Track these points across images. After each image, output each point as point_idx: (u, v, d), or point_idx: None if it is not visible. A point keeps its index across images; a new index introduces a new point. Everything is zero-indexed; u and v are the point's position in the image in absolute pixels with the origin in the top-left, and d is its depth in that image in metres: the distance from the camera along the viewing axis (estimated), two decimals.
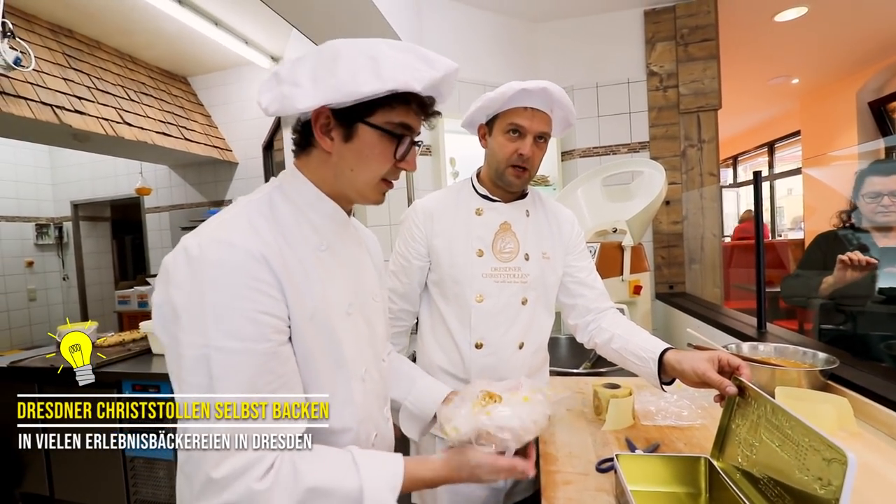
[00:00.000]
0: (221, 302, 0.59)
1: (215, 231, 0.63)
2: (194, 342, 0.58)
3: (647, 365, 1.03)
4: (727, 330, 1.85)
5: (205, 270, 0.59)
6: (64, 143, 3.40)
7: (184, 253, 0.61)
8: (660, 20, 2.76)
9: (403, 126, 0.71)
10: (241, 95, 4.21)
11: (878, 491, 0.80)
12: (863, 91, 4.46)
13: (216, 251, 0.60)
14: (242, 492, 0.56)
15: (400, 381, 0.96)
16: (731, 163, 7.81)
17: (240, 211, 0.68)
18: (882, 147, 3.38)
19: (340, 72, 0.65)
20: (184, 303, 0.59)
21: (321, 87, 0.66)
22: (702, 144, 2.75)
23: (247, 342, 0.59)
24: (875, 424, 1.04)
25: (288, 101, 0.67)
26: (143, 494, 2.17)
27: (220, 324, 0.58)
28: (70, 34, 3.33)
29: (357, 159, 0.71)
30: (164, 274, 0.63)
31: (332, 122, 0.70)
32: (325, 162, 0.73)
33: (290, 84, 0.68)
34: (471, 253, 1.17)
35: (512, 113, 1.11)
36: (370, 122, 0.69)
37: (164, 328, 0.63)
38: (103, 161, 4.52)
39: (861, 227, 1.69)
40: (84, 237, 5.05)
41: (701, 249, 2.77)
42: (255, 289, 0.61)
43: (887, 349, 1.55)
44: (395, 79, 0.65)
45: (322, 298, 0.69)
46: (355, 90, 0.65)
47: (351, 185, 0.73)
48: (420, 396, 0.94)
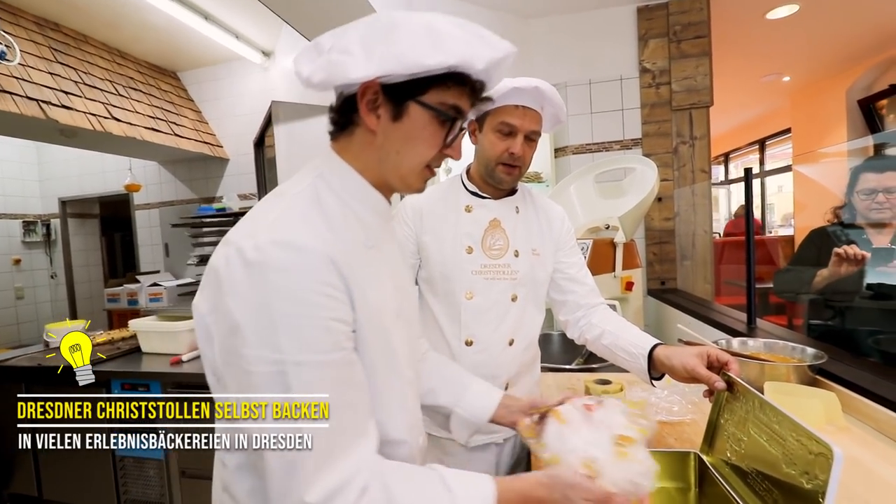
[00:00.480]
0: (291, 312, 0.54)
1: (272, 231, 0.57)
2: (266, 357, 0.54)
3: (637, 361, 1.04)
4: (717, 325, 1.86)
5: (268, 277, 0.54)
6: (51, 138, 3.35)
7: (239, 257, 0.55)
8: (653, 17, 2.77)
9: (456, 109, 0.66)
10: (231, 91, 4.17)
11: (866, 485, 0.81)
12: (852, 89, 4.49)
13: (279, 255, 0.55)
14: None
15: (448, 386, 0.93)
16: (722, 160, 7.86)
17: (290, 205, 0.62)
18: (871, 144, 3.42)
19: (399, 42, 0.59)
20: (247, 314, 0.54)
21: (377, 56, 0.59)
22: (693, 141, 2.76)
23: (323, 354, 0.55)
24: (862, 419, 1.05)
25: (338, 69, 0.61)
26: (133, 494, 2.16)
27: (294, 336, 0.54)
28: (56, 27, 3.28)
29: (404, 141, 0.66)
30: (213, 279, 0.58)
31: (381, 97, 0.63)
32: (369, 144, 0.67)
33: (338, 52, 0.61)
34: (460, 250, 1.16)
35: (503, 111, 1.10)
36: (423, 101, 0.64)
37: (211, 339, 0.59)
38: (91, 157, 4.45)
39: (854, 223, 1.70)
40: (72, 234, 4.99)
41: (692, 246, 2.78)
42: (325, 294, 0.56)
43: (875, 344, 1.57)
44: (458, 54, 0.60)
45: (377, 301, 0.64)
46: (417, 62, 0.59)
47: (395, 170, 0.68)
48: (472, 403, 0.90)
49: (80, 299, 5.02)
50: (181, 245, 4.28)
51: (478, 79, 0.67)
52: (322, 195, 0.64)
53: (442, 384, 0.92)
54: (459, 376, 0.95)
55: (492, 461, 1.22)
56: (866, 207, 1.65)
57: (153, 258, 4.53)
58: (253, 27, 3.50)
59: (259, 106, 3.89)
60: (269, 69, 4.01)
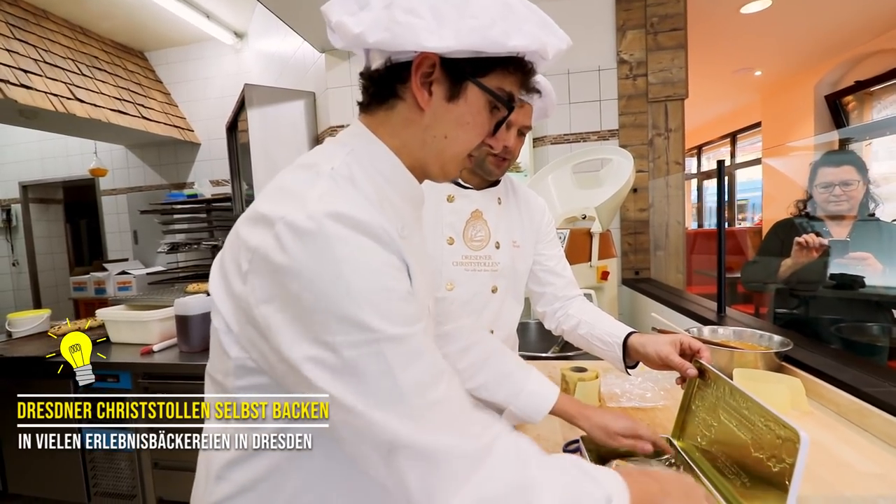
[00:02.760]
0: (372, 286, 0.48)
1: (323, 204, 0.49)
2: (354, 340, 0.47)
3: (613, 349, 1.06)
4: (689, 314, 1.91)
5: (334, 251, 0.47)
6: (10, 120, 3.19)
7: (292, 231, 0.47)
8: (631, 7, 2.78)
9: (511, 97, 0.61)
10: (203, 73, 4.04)
11: (828, 467, 0.84)
12: (820, 84, 4.63)
13: (339, 227, 0.48)
14: (505, 474, 0.49)
15: (503, 384, 0.90)
16: (695, 153, 8.02)
17: (333, 180, 0.54)
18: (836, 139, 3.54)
19: (480, 15, 0.53)
20: (318, 294, 0.47)
21: (455, 26, 0.52)
22: (668, 133, 2.81)
23: (414, 325, 0.50)
24: (825, 404, 1.10)
25: (406, 32, 0.52)
26: (103, 486, 2.11)
27: (381, 312, 0.48)
28: (14, 2, 3.11)
29: (455, 124, 0.59)
30: (259, 264, 0.49)
31: (438, 72, 0.56)
32: (413, 122, 0.59)
33: (403, 11, 0.53)
34: (441, 240, 1.16)
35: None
36: (483, 84, 0.58)
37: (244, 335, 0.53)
38: (54, 140, 4.27)
39: (815, 215, 1.77)
40: (34, 220, 4.79)
41: (665, 236, 2.84)
42: (396, 267, 0.51)
43: (837, 332, 1.63)
44: (536, 37, 0.55)
45: (420, 291, 0.58)
46: (500, 41, 0.53)
47: (438, 156, 0.61)
48: (527, 404, 0.88)
49: (44, 288, 4.84)
50: (150, 232, 4.15)
51: (533, 69, 0.62)
52: (357, 176, 0.56)
53: (496, 380, 0.90)
54: (515, 372, 0.92)
55: None
56: (824, 200, 1.72)
57: (121, 246, 4.39)
58: (224, 7, 3.38)
59: (231, 89, 3.78)
60: (242, 51, 3.89)
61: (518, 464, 0.51)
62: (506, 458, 0.51)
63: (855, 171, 1.66)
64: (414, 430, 0.47)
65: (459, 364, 0.90)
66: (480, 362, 0.91)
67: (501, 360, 0.93)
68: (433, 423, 0.49)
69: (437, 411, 0.49)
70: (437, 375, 0.51)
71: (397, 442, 0.47)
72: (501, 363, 0.92)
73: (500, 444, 0.51)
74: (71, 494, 2.16)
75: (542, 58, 0.59)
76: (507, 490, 0.49)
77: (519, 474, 0.50)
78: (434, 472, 0.47)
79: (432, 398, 0.49)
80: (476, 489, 0.48)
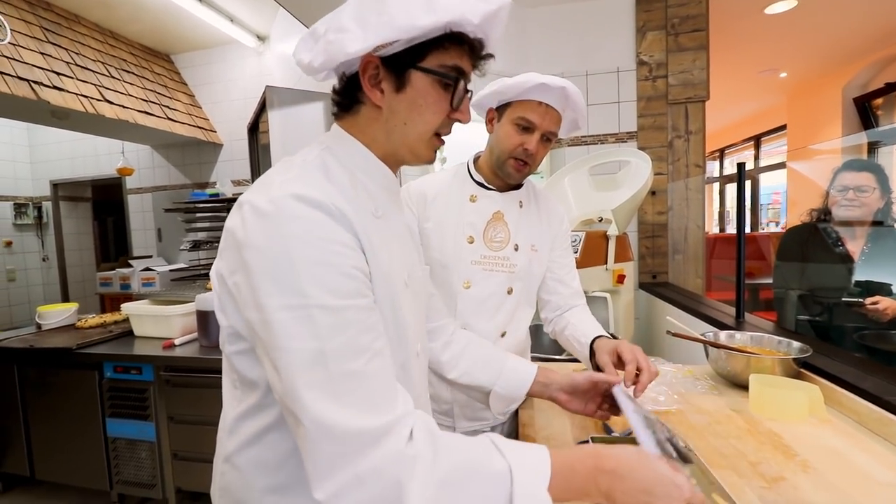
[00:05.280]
0: (314, 258, 0.53)
1: (285, 188, 0.56)
2: (288, 304, 0.52)
3: (584, 349, 1.15)
4: (707, 319, 1.89)
5: (286, 226, 0.53)
6: (42, 120, 3.30)
7: (254, 212, 0.55)
8: (651, 9, 2.75)
9: (457, 70, 0.65)
10: (226, 75, 4.12)
11: (845, 475, 0.83)
12: (848, 86, 4.51)
13: (295, 206, 0.54)
14: (392, 452, 0.51)
15: (485, 366, 0.99)
16: (717, 156, 7.88)
17: (302, 169, 0.61)
18: (865, 142, 3.44)
19: (390, 8, 0.59)
20: (266, 263, 0.53)
21: (371, 27, 0.60)
22: (689, 135, 2.77)
23: (348, 298, 0.54)
24: (844, 411, 1.08)
25: (335, 48, 0.61)
26: (125, 475, 2.17)
27: (318, 280, 0.53)
28: (48, 6, 3.22)
29: (410, 110, 0.65)
30: (231, 241, 0.57)
31: (382, 70, 0.63)
32: (375, 119, 0.67)
33: (334, 31, 0.62)
34: (461, 239, 1.17)
35: (525, 106, 1.10)
36: (423, 67, 0.63)
37: (234, 302, 0.58)
38: (83, 140, 4.40)
39: (829, 223, 1.73)
40: (64, 217, 4.94)
41: (685, 240, 2.80)
42: (344, 244, 0.56)
43: (860, 339, 1.60)
44: (450, 10, 0.59)
45: (387, 266, 0.63)
46: (410, 24, 0.58)
47: (403, 141, 0.67)
48: (509, 379, 0.98)
49: (72, 283, 4.99)
50: (174, 230, 4.25)
51: (475, 36, 0.66)
52: (330, 166, 0.64)
53: (478, 365, 0.99)
54: (494, 355, 1.01)
55: None
56: (838, 204, 1.68)
57: (146, 243, 4.51)
58: (247, 10, 3.45)
59: (253, 91, 3.85)
60: (264, 53, 3.96)
61: (421, 443, 0.53)
62: (404, 436, 0.52)
63: (873, 179, 1.62)
64: (318, 397, 0.51)
65: (443, 356, 0.99)
66: (459, 352, 1.00)
67: (478, 348, 1.02)
68: (340, 393, 0.51)
69: (350, 383, 0.52)
70: (361, 350, 0.54)
71: (301, 409, 0.51)
72: (479, 350, 1.01)
73: (404, 423, 0.54)
74: (94, 482, 2.23)
75: (471, 24, 0.62)
76: (383, 470, 0.50)
77: (406, 451, 0.51)
78: (322, 447, 0.50)
79: (348, 369, 0.52)
80: (370, 463, 0.50)
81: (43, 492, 2.51)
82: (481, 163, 1.23)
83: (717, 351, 1.28)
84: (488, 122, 1.18)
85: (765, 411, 1.08)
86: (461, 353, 0.99)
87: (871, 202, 1.63)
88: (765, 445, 0.94)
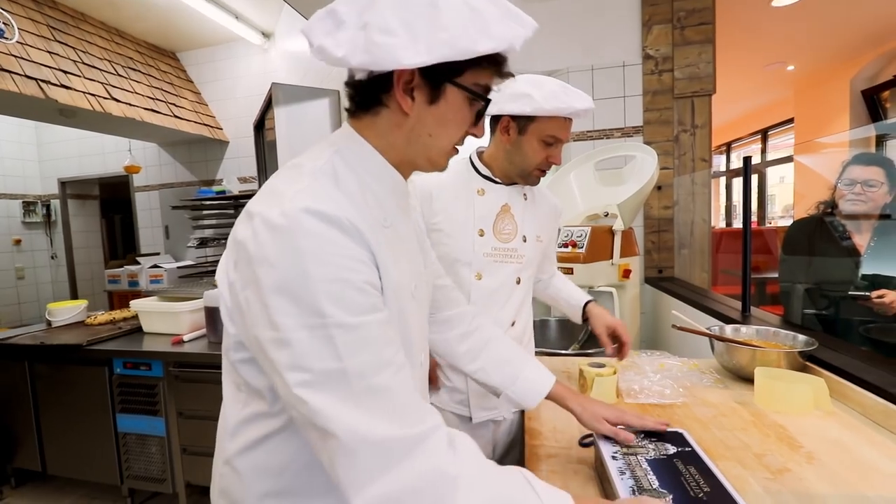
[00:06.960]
0: (329, 275, 0.52)
1: (297, 201, 0.54)
2: (306, 323, 0.52)
3: (575, 311, 1.38)
4: (713, 313, 1.88)
5: (299, 243, 0.52)
6: (50, 118, 3.33)
7: (265, 226, 0.54)
8: (657, 2, 2.73)
9: (487, 89, 0.66)
10: (231, 72, 4.14)
11: (850, 467, 0.83)
12: (856, 79, 4.46)
13: (308, 221, 0.53)
14: (433, 463, 0.52)
15: (501, 368, 0.94)
16: (724, 150, 7.82)
17: (313, 178, 0.59)
18: (873, 135, 3.41)
19: (449, 25, 0.56)
20: (280, 281, 0.52)
21: (428, 41, 0.55)
22: (695, 130, 2.75)
23: (367, 314, 0.54)
24: (850, 404, 1.08)
25: (385, 54, 0.56)
26: (135, 470, 2.20)
27: (335, 299, 0.52)
28: (54, 5, 3.25)
29: (438, 124, 0.64)
30: (241, 253, 0.56)
31: (418, 79, 0.61)
32: (398, 125, 0.64)
33: (379, 31, 0.56)
34: (473, 232, 1.19)
35: (553, 124, 1.12)
36: (459, 84, 0.62)
37: (234, 314, 0.59)
38: (91, 138, 4.44)
39: (835, 216, 1.72)
40: (72, 215, 4.99)
41: (690, 234, 2.79)
42: (358, 259, 0.56)
43: (866, 333, 1.59)
44: (504, 39, 0.58)
45: (397, 279, 0.63)
46: (471, 48, 0.56)
47: (425, 152, 0.66)
48: (524, 389, 0.92)
49: (80, 280, 5.04)
50: (181, 227, 4.29)
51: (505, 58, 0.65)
52: (340, 172, 0.62)
53: (494, 364, 0.94)
54: (514, 358, 0.95)
55: (489, 437, 1.27)
56: (844, 198, 1.67)
57: (153, 240, 4.54)
58: (253, 8, 3.46)
59: (259, 88, 3.86)
60: (269, 51, 3.98)
61: (448, 459, 0.54)
62: (436, 451, 0.53)
63: (882, 174, 1.61)
64: (348, 412, 0.51)
65: (459, 348, 0.94)
66: (479, 347, 0.95)
67: (500, 346, 0.97)
68: (369, 407, 0.52)
69: (376, 398, 0.53)
70: (383, 364, 0.54)
71: (331, 423, 0.51)
72: (500, 349, 0.96)
73: (439, 434, 0.55)
74: (105, 477, 2.26)
75: (514, 50, 0.62)
76: (425, 483, 0.51)
77: (447, 469, 0.53)
78: (359, 456, 0.51)
79: (373, 384, 0.53)
80: (397, 477, 0.50)
81: (55, 487, 2.55)
82: (487, 159, 1.24)
83: (722, 344, 1.29)
84: (504, 132, 1.16)
85: (770, 404, 1.08)
86: (481, 349, 0.95)
87: (878, 197, 1.62)
88: (770, 437, 0.94)
